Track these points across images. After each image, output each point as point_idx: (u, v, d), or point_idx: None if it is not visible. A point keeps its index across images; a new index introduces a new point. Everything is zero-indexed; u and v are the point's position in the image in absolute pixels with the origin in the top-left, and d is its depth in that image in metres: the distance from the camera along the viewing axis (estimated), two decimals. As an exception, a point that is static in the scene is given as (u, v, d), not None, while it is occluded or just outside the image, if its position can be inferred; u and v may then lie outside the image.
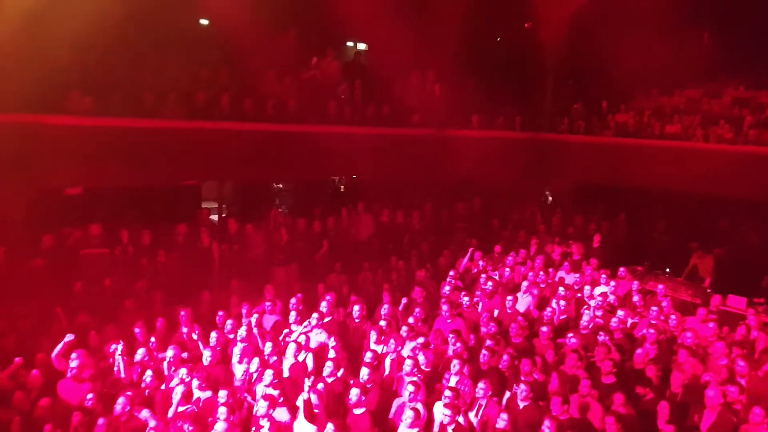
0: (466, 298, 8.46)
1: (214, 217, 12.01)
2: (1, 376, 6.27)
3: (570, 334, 7.36)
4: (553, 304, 8.44)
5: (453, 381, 6.40)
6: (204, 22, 12.51)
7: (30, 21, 8.79)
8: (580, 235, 11.79)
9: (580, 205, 13.13)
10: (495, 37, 15.62)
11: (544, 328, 7.52)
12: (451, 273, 9.56)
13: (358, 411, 5.88)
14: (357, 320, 7.92)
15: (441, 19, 12.83)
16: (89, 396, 5.85)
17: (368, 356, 6.71)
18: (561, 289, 8.92)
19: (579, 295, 9.02)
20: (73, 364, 6.20)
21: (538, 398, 6.10)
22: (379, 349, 7.12)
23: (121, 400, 5.73)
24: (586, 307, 8.44)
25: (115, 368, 6.53)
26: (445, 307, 7.99)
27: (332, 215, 11.23)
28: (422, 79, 13.27)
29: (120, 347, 6.61)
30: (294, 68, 12.02)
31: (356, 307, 8.00)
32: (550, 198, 15.30)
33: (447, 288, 8.99)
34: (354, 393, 5.89)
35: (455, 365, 6.51)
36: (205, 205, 12.16)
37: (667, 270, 10.67)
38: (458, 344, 6.95)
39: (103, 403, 5.84)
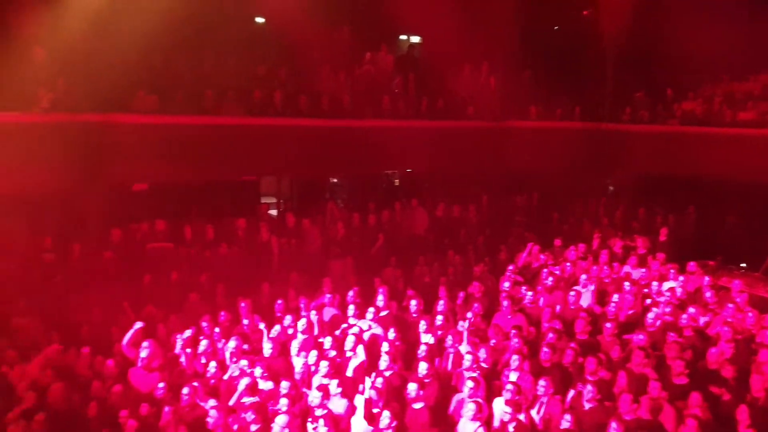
0: (529, 293, 8.28)
1: (273, 212, 12.23)
2: (81, 365, 6.57)
3: (637, 331, 7.08)
4: (615, 299, 8.14)
5: (513, 377, 6.27)
6: (260, 20, 12.73)
7: (99, 24, 9.18)
8: (644, 228, 11.34)
9: (644, 198, 12.62)
10: (552, 26, 15.19)
11: (609, 324, 7.26)
12: (510, 267, 9.38)
13: (416, 406, 5.84)
14: (414, 315, 7.88)
15: (496, 9, 12.62)
16: (160, 385, 6.05)
17: (422, 349, 6.67)
18: (626, 284, 8.60)
19: (646, 290, 8.66)
20: (143, 354, 6.45)
21: (604, 399, 5.88)
22: (427, 339, 7.05)
23: (186, 390, 5.91)
24: (652, 302, 8.10)
25: (181, 359, 6.73)
26: (505, 303, 7.85)
27: (387, 209, 11.23)
28: (476, 71, 13.06)
29: (184, 338, 6.82)
30: (348, 63, 12.07)
31: (413, 302, 7.97)
32: (612, 190, 14.79)
33: (507, 283, 8.82)
34: (412, 387, 5.85)
35: (515, 361, 6.38)
36: (263, 200, 12.42)
37: (743, 265, 10.12)
38: (518, 340, 6.80)
39: (172, 393, 6.03)
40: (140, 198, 10.61)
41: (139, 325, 6.68)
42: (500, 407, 5.73)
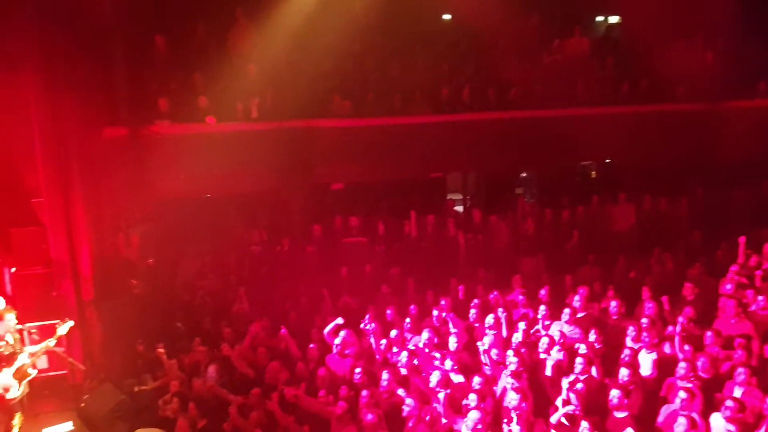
0: (760, 297, 7.09)
1: (459, 208, 12.20)
2: (288, 348, 7.18)
3: None
4: None
5: (738, 392, 5.40)
6: (446, 17, 12.79)
7: (299, 39, 10.00)
8: None
9: None
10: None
11: None
12: (733, 268, 8.12)
13: (619, 414, 5.33)
14: (615, 317, 7.22)
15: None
16: (357, 371, 6.33)
17: (626, 354, 6.08)
18: None
19: None
20: (337, 341, 6.84)
21: None
22: (636, 347, 6.39)
23: (385, 376, 6.10)
24: None
25: (374, 348, 6.98)
26: (728, 307, 6.81)
27: (582, 204, 10.50)
28: (689, 47, 11.59)
29: (375, 328, 7.06)
30: (537, 52, 11.56)
31: (613, 303, 7.31)
32: None
33: (729, 285, 7.66)
34: (614, 394, 5.38)
35: (741, 374, 5.49)
36: (450, 196, 12.45)
37: None
38: (743, 351, 5.84)
39: (368, 378, 6.27)
40: (338, 196, 11.34)
41: (340, 321, 7.07)
42: (719, 424, 4.96)
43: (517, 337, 6.70)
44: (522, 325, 6.94)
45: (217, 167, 9.59)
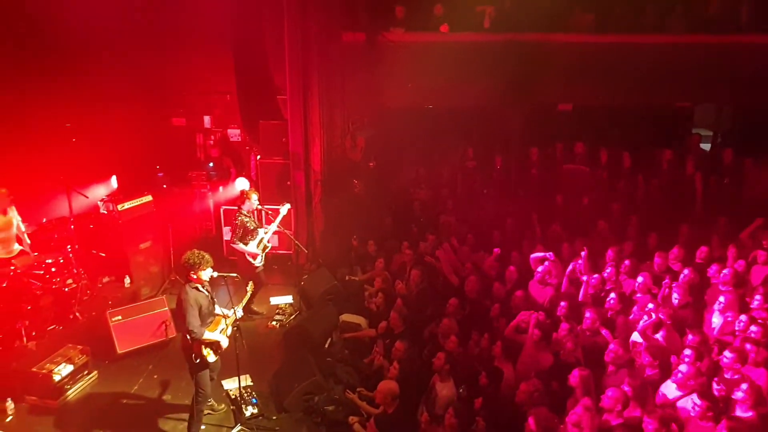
0: None
1: (706, 146, 10.59)
2: (487, 263, 7.13)
3: None
4: None
5: None
6: None
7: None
8: None
9: None
10: None
11: None
12: None
13: None
14: None
15: None
16: (562, 304, 6.03)
17: None
18: None
19: None
20: (540, 268, 6.57)
21: None
22: None
23: (589, 314, 5.74)
24: None
25: (582, 282, 6.57)
26: None
27: None
28: None
29: (583, 264, 6.60)
30: None
31: None
32: None
33: None
34: None
35: None
36: (696, 131, 10.84)
37: None
38: None
39: (571, 312, 5.97)
40: (563, 118, 10.58)
41: (550, 255, 6.74)
42: None
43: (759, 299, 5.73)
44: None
45: (443, 78, 9.53)
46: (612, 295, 6.17)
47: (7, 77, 7.93)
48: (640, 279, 6.25)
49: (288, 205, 7.65)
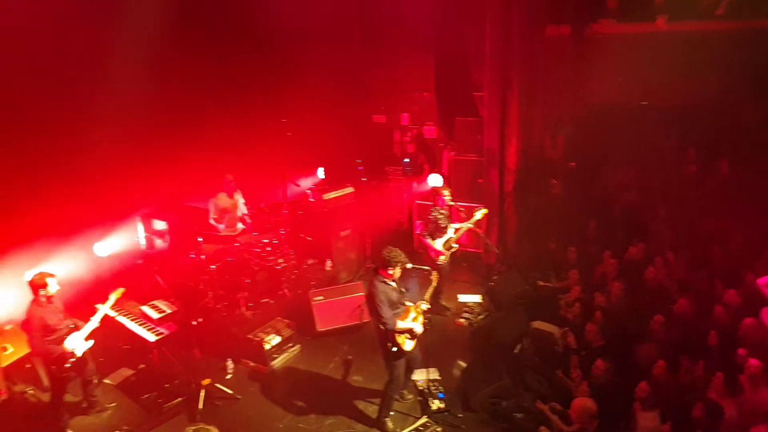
0: None
1: None
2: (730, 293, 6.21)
3: None
4: None
5: None
6: None
7: None
8: None
9: None
10: None
11: None
12: None
13: None
14: None
15: None
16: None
17: None
18: None
19: None
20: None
21: None
22: None
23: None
24: None
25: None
26: None
27: None
28: None
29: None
30: None
31: None
32: None
33: None
34: None
35: None
36: None
37: None
38: None
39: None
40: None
41: None
42: None
43: None
44: None
45: (661, 72, 8.61)
46: None
47: (239, 78, 8.99)
48: None
49: (484, 210, 7.46)
